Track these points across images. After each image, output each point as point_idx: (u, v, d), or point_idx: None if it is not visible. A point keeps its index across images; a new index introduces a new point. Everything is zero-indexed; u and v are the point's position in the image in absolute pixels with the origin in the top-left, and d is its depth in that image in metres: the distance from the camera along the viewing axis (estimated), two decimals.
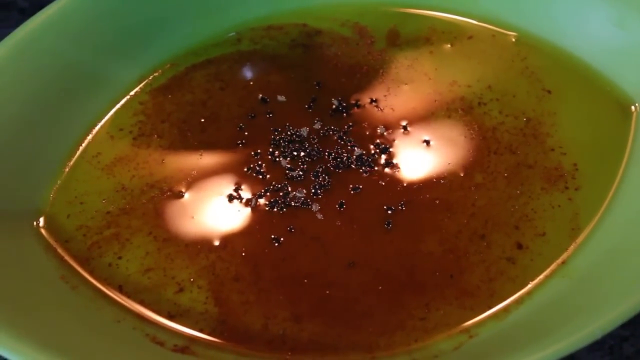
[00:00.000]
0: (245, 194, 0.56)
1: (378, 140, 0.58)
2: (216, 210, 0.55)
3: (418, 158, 0.57)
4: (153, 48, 0.64)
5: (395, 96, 0.62)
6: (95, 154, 0.59)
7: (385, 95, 0.62)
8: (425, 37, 0.66)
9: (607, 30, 0.60)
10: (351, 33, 0.67)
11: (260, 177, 0.57)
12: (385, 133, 0.59)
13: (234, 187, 0.56)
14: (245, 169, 0.57)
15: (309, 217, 0.55)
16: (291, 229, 0.54)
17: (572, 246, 0.52)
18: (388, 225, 0.53)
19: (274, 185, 0.56)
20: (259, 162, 0.58)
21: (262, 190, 0.56)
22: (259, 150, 0.58)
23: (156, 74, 0.64)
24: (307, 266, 0.52)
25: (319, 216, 0.54)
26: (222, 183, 0.57)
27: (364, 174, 0.57)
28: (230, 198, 0.56)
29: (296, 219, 0.54)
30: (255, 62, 0.65)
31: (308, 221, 0.54)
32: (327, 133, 0.59)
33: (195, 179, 0.57)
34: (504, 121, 0.59)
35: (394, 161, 0.57)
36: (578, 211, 0.54)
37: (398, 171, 0.56)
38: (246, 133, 0.60)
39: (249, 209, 0.55)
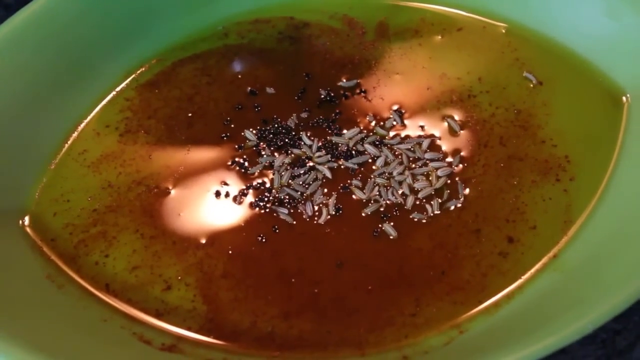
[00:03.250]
0: (232, 190, 0.55)
1: (364, 135, 0.58)
2: (203, 207, 0.55)
3: (407, 152, 0.57)
4: (139, 43, 0.63)
5: (384, 88, 0.61)
6: (81, 151, 0.58)
7: (374, 88, 0.61)
8: (414, 29, 0.65)
9: (598, 21, 0.60)
10: (341, 25, 0.66)
11: (246, 171, 0.56)
12: (373, 125, 0.58)
13: (220, 184, 0.56)
14: (230, 162, 0.57)
15: (295, 216, 0.54)
16: (275, 228, 0.53)
17: (563, 239, 0.52)
18: (378, 231, 0.53)
19: (258, 182, 0.56)
20: (244, 156, 0.57)
21: (247, 186, 0.55)
22: (242, 144, 0.58)
23: (142, 70, 0.63)
24: (295, 264, 0.51)
25: (305, 215, 0.54)
26: (209, 179, 0.56)
27: (351, 171, 0.56)
28: (217, 194, 0.55)
29: (281, 218, 0.54)
30: (243, 56, 0.65)
31: (294, 219, 0.54)
32: (315, 124, 0.59)
33: (183, 175, 0.56)
34: (494, 113, 0.59)
35: (383, 155, 0.56)
36: (570, 203, 0.53)
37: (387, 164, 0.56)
38: (233, 126, 0.59)
39: (235, 206, 0.55)
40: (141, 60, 0.63)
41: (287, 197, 0.55)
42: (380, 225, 0.53)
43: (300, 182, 0.55)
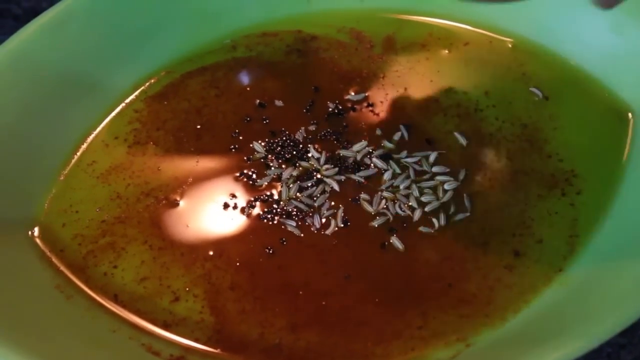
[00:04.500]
0: (240, 202, 0.56)
1: (371, 148, 0.58)
2: (211, 218, 0.55)
3: (413, 165, 0.57)
4: (148, 55, 0.64)
5: (392, 101, 0.61)
6: (90, 162, 0.59)
7: (381, 102, 0.62)
8: (421, 43, 0.66)
9: (603, 37, 0.60)
10: (349, 39, 0.67)
11: (254, 184, 0.57)
12: (380, 138, 0.59)
13: (229, 195, 0.56)
14: (239, 174, 0.57)
15: (302, 228, 0.54)
16: (283, 240, 0.54)
17: (569, 253, 0.52)
18: (385, 244, 0.53)
19: (266, 194, 0.56)
20: (252, 169, 0.57)
21: (255, 198, 0.56)
22: (250, 156, 0.58)
23: (151, 82, 0.64)
24: (302, 276, 0.52)
25: (313, 227, 0.54)
26: (217, 191, 0.56)
27: (358, 184, 0.57)
28: (225, 206, 0.55)
29: (289, 230, 0.54)
30: (251, 69, 0.65)
31: (302, 232, 0.54)
32: (323, 137, 0.59)
33: (191, 186, 0.57)
34: (500, 127, 0.59)
35: (390, 168, 0.57)
36: (577, 218, 0.53)
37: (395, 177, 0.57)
38: (241, 138, 0.60)
39: (243, 218, 0.55)
40: (150, 73, 0.64)
41: (294, 209, 0.55)
42: (387, 238, 0.53)
43: (308, 195, 0.55)
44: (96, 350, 0.48)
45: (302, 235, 0.54)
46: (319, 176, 0.57)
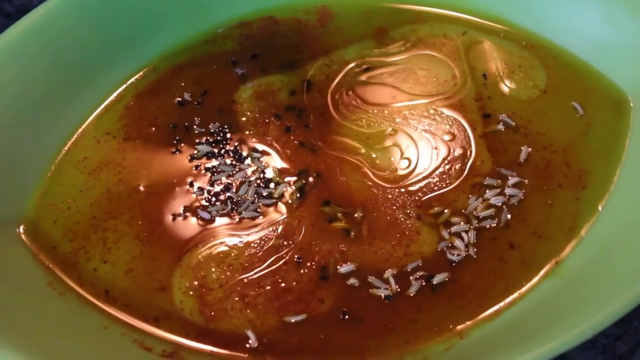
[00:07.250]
0: (233, 197, 0.55)
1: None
2: (202, 214, 0.54)
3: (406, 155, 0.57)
4: (137, 51, 0.63)
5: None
6: (81, 158, 0.58)
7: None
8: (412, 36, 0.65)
9: (597, 27, 0.60)
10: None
11: (248, 181, 0.56)
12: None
13: (221, 191, 0.56)
14: (231, 171, 0.57)
15: (294, 224, 0.54)
16: (275, 235, 0.53)
17: (566, 245, 0.51)
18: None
19: (262, 193, 0.56)
20: (245, 165, 0.57)
21: (247, 195, 0.55)
22: (242, 153, 0.58)
23: (141, 77, 0.63)
24: (293, 271, 0.51)
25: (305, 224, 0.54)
26: (208, 186, 0.56)
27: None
28: (217, 202, 0.55)
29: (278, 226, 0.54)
30: (241, 62, 0.65)
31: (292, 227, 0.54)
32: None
33: (181, 181, 0.56)
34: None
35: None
36: (577, 211, 0.53)
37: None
38: (233, 133, 0.59)
39: (234, 214, 0.54)
40: (139, 68, 0.64)
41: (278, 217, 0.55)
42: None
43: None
44: (89, 348, 0.47)
45: (294, 225, 0.54)
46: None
